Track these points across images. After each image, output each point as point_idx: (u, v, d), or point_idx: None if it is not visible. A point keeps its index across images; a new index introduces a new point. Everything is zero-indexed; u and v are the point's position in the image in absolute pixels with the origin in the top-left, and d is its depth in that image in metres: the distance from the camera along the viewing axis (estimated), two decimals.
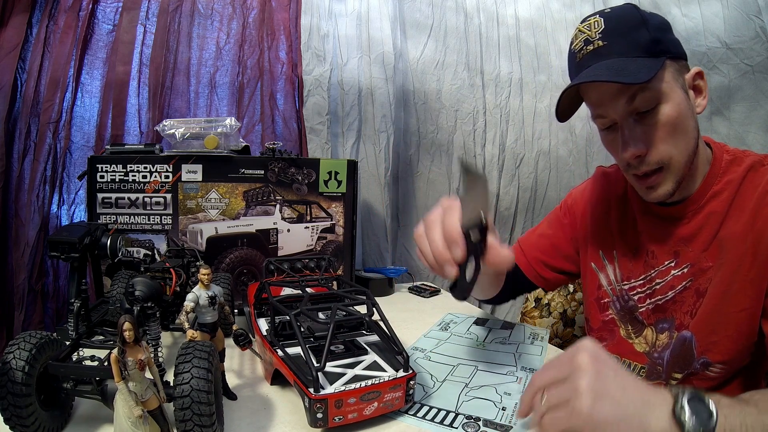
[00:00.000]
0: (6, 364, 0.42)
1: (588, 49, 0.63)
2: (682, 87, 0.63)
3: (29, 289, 1.02)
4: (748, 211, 0.63)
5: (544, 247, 0.88)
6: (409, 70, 1.48)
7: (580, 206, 0.86)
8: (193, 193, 1.00)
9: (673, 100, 0.61)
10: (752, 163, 0.65)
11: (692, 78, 0.64)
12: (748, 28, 1.26)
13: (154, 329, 0.52)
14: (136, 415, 0.41)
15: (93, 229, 0.80)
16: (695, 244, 0.67)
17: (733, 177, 0.66)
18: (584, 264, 0.84)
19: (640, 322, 0.74)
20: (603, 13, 0.63)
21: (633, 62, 0.59)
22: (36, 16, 1.05)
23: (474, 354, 0.73)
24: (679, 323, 0.69)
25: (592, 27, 0.63)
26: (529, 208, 1.67)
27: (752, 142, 1.29)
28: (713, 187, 0.67)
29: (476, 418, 0.53)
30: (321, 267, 0.82)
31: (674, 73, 0.62)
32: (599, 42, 0.62)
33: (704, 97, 0.65)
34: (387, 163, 1.39)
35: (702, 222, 0.67)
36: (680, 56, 0.64)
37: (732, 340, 0.64)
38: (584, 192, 0.86)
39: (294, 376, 0.51)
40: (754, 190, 0.64)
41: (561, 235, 0.87)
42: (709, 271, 0.66)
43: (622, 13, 0.63)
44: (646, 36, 0.60)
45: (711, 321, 0.65)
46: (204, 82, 1.23)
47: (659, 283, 0.71)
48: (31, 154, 1.04)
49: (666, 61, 0.60)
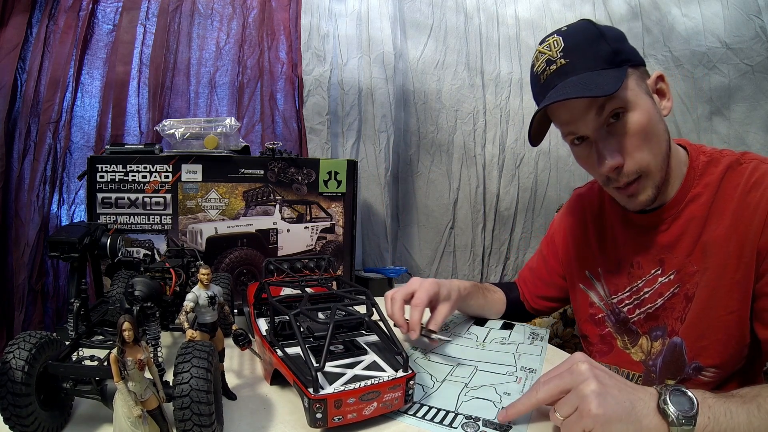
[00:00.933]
0: (6, 364, 0.42)
1: (551, 69, 0.63)
2: (647, 92, 0.63)
3: (29, 289, 1.02)
4: (729, 213, 0.62)
5: (533, 281, 0.94)
6: (409, 70, 1.48)
7: (559, 234, 0.89)
8: (192, 193, 1.00)
9: (641, 106, 0.61)
10: (729, 163, 0.65)
11: (654, 82, 0.65)
12: (748, 28, 1.26)
13: (153, 329, 0.52)
14: (135, 415, 0.41)
15: (93, 229, 0.80)
16: (678, 250, 0.67)
17: (711, 179, 0.65)
18: (572, 287, 0.86)
19: (635, 332, 0.74)
20: (560, 32, 0.63)
21: (598, 75, 0.59)
22: (36, 16, 1.05)
23: (473, 354, 0.73)
24: (671, 330, 0.69)
25: (552, 47, 0.63)
26: (529, 208, 1.67)
27: (752, 142, 1.29)
28: (691, 191, 0.66)
29: (476, 418, 0.53)
30: (321, 267, 0.82)
31: (637, 80, 0.62)
32: (561, 60, 0.62)
33: (668, 99, 0.65)
34: (387, 163, 1.39)
35: (683, 227, 0.67)
36: (640, 63, 0.64)
37: (722, 344, 0.64)
38: (562, 218, 0.90)
39: (293, 376, 0.51)
40: (733, 191, 0.63)
41: (544, 267, 0.92)
42: (695, 275, 0.65)
43: (579, 29, 0.63)
44: (606, 48, 0.60)
45: (700, 325, 0.65)
46: (204, 82, 1.23)
47: (647, 292, 0.71)
48: (31, 154, 1.04)
49: (628, 70, 0.61)
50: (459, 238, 1.59)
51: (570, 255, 0.85)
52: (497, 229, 1.65)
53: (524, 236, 1.69)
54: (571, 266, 0.85)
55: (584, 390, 0.46)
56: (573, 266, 0.84)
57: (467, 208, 1.58)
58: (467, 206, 1.58)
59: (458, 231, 1.59)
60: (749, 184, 0.62)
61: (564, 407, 0.47)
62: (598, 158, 0.64)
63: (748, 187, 0.62)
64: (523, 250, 1.70)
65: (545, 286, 0.92)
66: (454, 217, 1.57)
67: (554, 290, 0.91)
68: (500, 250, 1.66)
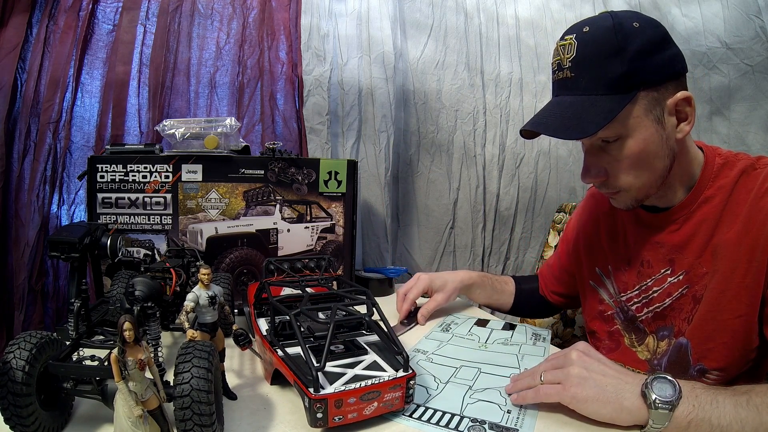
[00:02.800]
0: (6, 364, 0.42)
1: (559, 75, 0.63)
2: (656, 118, 0.60)
3: (29, 289, 1.02)
4: (742, 217, 0.62)
5: (549, 277, 0.98)
6: (409, 70, 1.48)
7: (572, 232, 0.91)
8: (193, 193, 1.00)
9: (640, 134, 0.60)
10: (744, 167, 0.65)
11: (675, 104, 0.61)
12: (748, 28, 1.26)
13: (154, 329, 0.52)
14: (136, 414, 0.41)
15: (93, 229, 0.80)
16: (689, 251, 0.67)
17: (725, 182, 0.65)
18: (581, 284, 0.87)
19: (642, 330, 0.74)
20: (580, 33, 0.60)
21: (593, 105, 0.58)
22: (36, 16, 1.05)
23: (476, 355, 0.72)
24: (678, 330, 0.69)
25: (566, 50, 0.61)
26: (529, 208, 1.67)
27: (752, 142, 1.29)
28: (705, 192, 0.66)
29: (482, 421, 0.52)
30: (321, 267, 0.82)
31: (648, 104, 0.59)
32: (568, 72, 0.61)
33: (689, 123, 0.62)
34: (387, 163, 1.39)
35: (694, 228, 0.66)
36: (664, 80, 0.60)
37: (728, 347, 0.63)
38: (576, 215, 0.92)
39: (294, 376, 0.51)
40: (747, 195, 0.63)
41: (557, 264, 0.96)
42: (704, 277, 0.65)
43: (599, 36, 0.58)
44: (618, 69, 0.57)
45: (706, 327, 0.65)
46: (204, 82, 1.23)
47: (656, 291, 0.71)
48: (31, 154, 1.04)
49: (639, 94, 0.58)
50: (459, 238, 1.59)
51: (581, 252, 0.86)
52: (497, 229, 1.65)
53: (524, 236, 1.68)
54: (581, 263, 0.86)
55: (569, 371, 0.53)
56: (583, 263, 0.85)
57: (467, 208, 1.58)
58: (467, 206, 1.58)
59: (458, 231, 1.59)
60: (762, 189, 0.62)
61: (548, 375, 0.55)
62: (583, 168, 0.68)
63: (761, 193, 0.61)
64: (523, 250, 1.70)
65: (558, 283, 0.95)
66: (454, 217, 1.57)
67: (564, 287, 0.94)
68: (500, 250, 1.66)
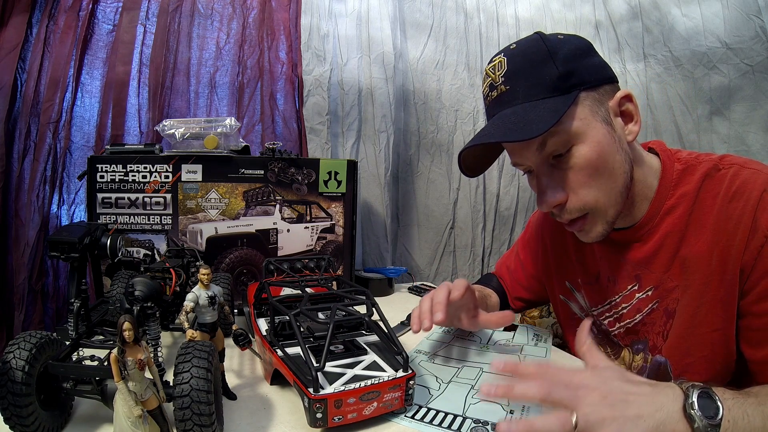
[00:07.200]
0: (6, 364, 0.42)
1: (492, 95, 0.59)
2: (604, 119, 0.57)
3: (29, 289, 1.02)
4: (710, 226, 0.58)
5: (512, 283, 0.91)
6: (409, 70, 1.48)
7: (538, 241, 0.85)
8: (193, 193, 1.00)
9: (591, 138, 0.55)
10: (707, 170, 0.59)
11: (617, 104, 0.58)
12: (748, 28, 1.26)
13: (153, 329, 0.52)
14: (135, 414, 0.42)
15: (93, 229, 0.80)
16: (655, 266, 0.63)
17: (687, 188, 0.60)
18: (552, 296, 0.84)
19: (617, 344, 0.72)
20: (508, 51, 0.58)
21: (535, 108, 0.54)
22: (36, 16, 1.05)
23: (478, 356, 0.72)
24: (653, 344, 0.67)
25: (496, 69, 0.58)
26: (529, 208, 1.67)
27: (752, 142, 1.29)
28: (666, 202, 0.61)
29: (484, 422, 0.52)
30: (321, 267, 0.82)
31: (592, 105, 0.56)
32: (502, 87, 0.57)
33: (636, 122, 0.58)
34: (387, 163, 1.39)
35: (659, 242, 0.62)
36: (601, 82, 0.57)
37: (707, 361, 0.61)
38: (541, 224, 0.85)
39: (293, 376, 0.51)
40: (713, 201, 0.58)
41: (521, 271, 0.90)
42: (675, 290, 0.62)
43: (527, 48, 0.57)
44: (554, 72, 0.54)
45: (684, 343, 0.62)
46: (204, 82, 1.23)
47: (625, 308, 0.68)
48: (31, 154, 1.04)
49: (579, 95, 0.55)
50: (459, 238, 1.59)
51: (550, 264, 0.82)
52: (497, 229, 1.65)
53: None
54: (551, 275, 0.82)
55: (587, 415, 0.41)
56: (553, 276, 0.82)
57: (467, 208, 1.58)
58: (467, 206, 1.58)
59: (458, 231, 1.59)
60: (730, 192, 0.57)
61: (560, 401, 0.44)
62: (539, 194, 0.60)
63: (729, 196, 0.57)
64: None
65: (523, 289, 0.90)
66: (454, 217, 1.57)
67: (532, 294, 0.89)
68: (500, 250, 1.66)
